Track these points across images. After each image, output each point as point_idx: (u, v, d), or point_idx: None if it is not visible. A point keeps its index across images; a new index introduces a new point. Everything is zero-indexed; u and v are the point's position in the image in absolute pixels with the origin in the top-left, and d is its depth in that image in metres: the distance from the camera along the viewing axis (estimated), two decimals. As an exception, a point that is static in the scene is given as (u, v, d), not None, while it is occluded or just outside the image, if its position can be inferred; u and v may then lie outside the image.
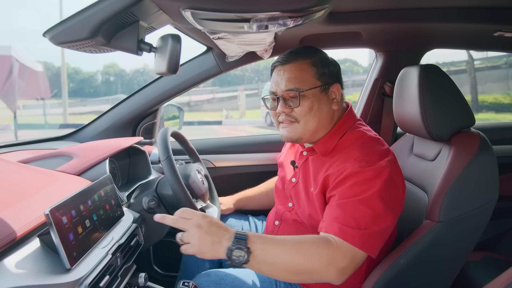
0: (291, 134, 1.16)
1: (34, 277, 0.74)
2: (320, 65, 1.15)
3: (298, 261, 0.94)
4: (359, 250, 0.97)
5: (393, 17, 1.38)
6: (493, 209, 1.66)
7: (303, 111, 1.12)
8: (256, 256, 0.91)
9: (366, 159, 1.05)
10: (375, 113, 1.85)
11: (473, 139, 1.15)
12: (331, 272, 0.94)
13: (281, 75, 1.15)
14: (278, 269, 0.95)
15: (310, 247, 0.96)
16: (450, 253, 1.15)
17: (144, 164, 1.53)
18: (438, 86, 1.17)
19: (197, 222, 0.94)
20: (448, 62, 17.89)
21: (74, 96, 23.75)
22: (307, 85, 1.12)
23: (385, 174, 1.02)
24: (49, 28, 0.78)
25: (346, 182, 1.03)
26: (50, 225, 0.78)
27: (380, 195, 0.99)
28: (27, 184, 1.03)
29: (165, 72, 0.79)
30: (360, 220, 0.98)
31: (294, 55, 1.16)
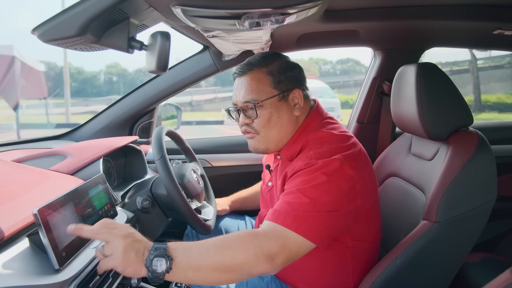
0: (257, 146, 1.15)
1: (22, 278, 0.73)
2: (276, 73, 1.11)
3: (223, 257, 0.86)
4: (291, 232, 0.89)
5: (391, 15, 1.36)
6: (494, 210, 1.64)
7: (262, 122, 1.10)
8: (178, 263, 0.83)
9: (316, 156, 1.01)
10: (374, 113, 1.84)
11: (471, 139, 1.13)
12: (261, 261, 0.86)
13: (238, 87, 1.13)
14: (205, 272, 0.86)
15: (234, 240, 0.90)
16: (448, 254, 1.13)
17: (140, 164, 1.52)
18: (436, 84, 1.15)
19: (122, 232, 0.84)
20: (451, 61, 17.83)
21: (76, 95, 23.81)
22: (264, 95, 1.09)
23: (330, 167, 0.97)
24: (38, 25, 0.77)
25: (295, 177, 1.01)
26: (38, 225, 0.77)
27: (322, 187, 0.94)
28: (19, 183, 1.02)
29: (155, 70, 0.78)
30: (296, 205, 0.92)
31: (249, 65, 1.12)
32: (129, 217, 1.16)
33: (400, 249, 1.08)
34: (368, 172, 1.09)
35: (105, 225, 0.85)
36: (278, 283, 1.20)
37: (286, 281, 1.19)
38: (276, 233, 0.89)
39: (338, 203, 0.96)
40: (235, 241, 0.89)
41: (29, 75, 8.83)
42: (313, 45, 1.62)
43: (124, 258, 0.80)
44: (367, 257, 1.15)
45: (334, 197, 0.95)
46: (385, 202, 1.38)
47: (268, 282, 1.19)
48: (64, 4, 13.88)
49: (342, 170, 0.97)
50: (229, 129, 12.71)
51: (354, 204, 1.00)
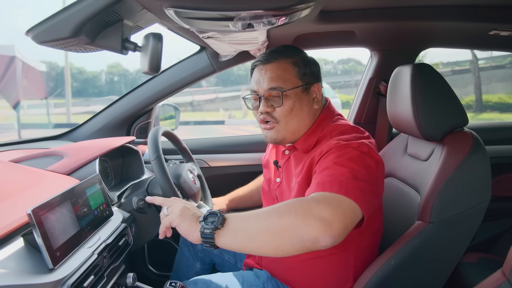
0: (275, 135, 1.15)
1: (16, 277, 0.74)
2: (301, 65, 1.14)
3: (272, 219, 0.85)
4: (342, 197, 0.86)
5: (387, 16, 1.37)
6: (491, 210, 1.64)
7: (285, 111, 1.11)
8: (229, 223, 0.87)
9: (344, 139, 1.04)
10: (370, 113, 1.84)
11: (466, 139, 1.14)
12: (312, 223, 0.80)
13: (263, 74, 1.13)
14: (254, 234, 0.85)
15: (283, 205, 0.89)
16: (442, 254, 1.13)
17: (137, 164, 1.53)
18: (431, 85, 1.16)
19: (186, 202, 1.02)
20: (452, 61, 17.79)
21: (78, 95, 23.87)
22: (290, 85, 1.11)
23: (361, 148, 0.99)
24: (32, 27, 0.78)
25: (326, 156, 1.01)
26: (32, 224, 0.78)
27: (357, 160, 0.95)
28: (15, 183, 1.03)
29: (147, 71, 0.79)
30: (338, 175, 0.91)
31: (275, 54, 1.14)
32: (125, 217, 1.17)
33: (395, 249, 1.08)
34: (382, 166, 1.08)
35: (174, 198, 1.07)
36: (275, 282, 1.20)
37: (284, 281, 1.20)
38: (327, 197, 0.86)
39: (372, 178, 0.95)
40: (283, 205, 0.88)
41: (30, 75, 8.86)
42: (310, 46, 1.62)
43: (182, 214, 0.94)
44: (368, 255, 1.16)
45: (368, 171, 0.95)
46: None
47: (265, 282, 1.20)
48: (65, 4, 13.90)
49: (369, 153, 1.00)
50: (230, 129, 12.72)
51: (381, 188, 1.02)
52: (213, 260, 1.50)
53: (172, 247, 1.84)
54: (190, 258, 1.51)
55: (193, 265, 1.50)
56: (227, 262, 1.48)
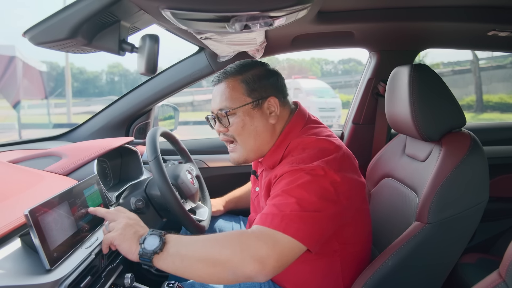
0: (236, 157, 1.15)
1: (13, 278, 0.74)
2: (251, 81, 1.11)
3: (209, 250, 0.87)
4: (281, 234, 0.86)
5: (385, 17, 1.37)
6: (490, 211, 1.64)
7: (236, 129, 1.11)
8: (169, 248, 0.87)
9: (298, 161, 1.00)
10: (369, 113, 1.84)
11: (464, 140, 1.13)
12: (247, 261, 0.82)
13: (214, 94, 1.14)
14: (191, 262, 0.86)
15: (222, 236, 0.90)
16: (440, 255, 1.13)
17: (136, 164, 1.53)
18: (428, 86, 1.16)
19: (129, 215, 0.97)
20: (453, 61, 17.79)
21: (79, 95, 23.90)
22: (237, 103, 1.10)
23: (312, 172, 0.95)
24: (29, 28, 0.78)
25: (277, 183, 1.00)
26: (29, 225, 0.78)
27: (306, 186, 0.93)
28: (13, 183, 1.03)
29: (144, 72, 0.79)
30: (283, 206, 0.90)
31: (225, 73, 1.13)
32: (123, 217, 1.17)
33: (392, 250, 1.08)
34: (353, 174, 1.06)
35: (117, 209, 1.00)
36: (272, 284, 1.20)
37: (279, 283, 1.20)
38: (265, 234, 0.86)
39: (323, 203, 0.93)
40: (223, 237, 0.90)
41: (31, 75, 8.87)
42: (308, 46, 1.63)
43: (122, 233, 0.90)
44: (356, 260, 1.15)
45: (318, 196, 0.93)
46: (379, 203, 1.39)
47: (261, 283, 1.20)
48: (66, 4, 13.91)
49: (327, 175, 0.96)
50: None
51: (339, 205, 0.97)
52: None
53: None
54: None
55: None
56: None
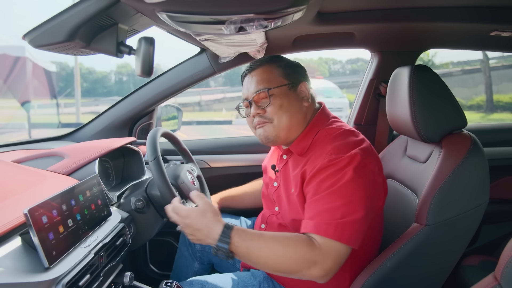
0: (267, 133, 1.18)
1: (12, 275, 0.76)
2: (285, 66, 1.21)
3: (279, 264, 0.98)
4: (339, 244, 0.96)
5: (386, 17, 1.36)
6: (493, 213, 1.62)
7: (274, 109, 1.16)
8: (238, 253, 0.98)
9: (336, 151, 1.05)
10: (371, 114, 1.83)
11: (464, 141, 1.13)
12: (314, 272, 0.96)
13: (250, 81, 1.20)
14: (262, 267, 1.02)
15: (287, 244, 0.98)
16: (439, 256, 1.13)
17: (138, 164, 1.55)
18: (428, 87, 1.15)
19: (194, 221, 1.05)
20: (462, 61, 17.56)
21: (87, 95, 24.16)
22: (275, 84, 1.17)
23: (355, 162, 1.01)
24: (28, 31, 0.80)
25: (318, 177, 1.04)
26: (28, 224, 0.79)
27: (352, 183, 0.99)
28: (15, 183, 1.05)
29: (140, 74, 0.80)
30: (334, 211, 0.97)
31: (259, 61, 1.23)
32: (123, 217, 1.19)
33: (391, 251, 1.08)
34: (381, 166, 1.13)
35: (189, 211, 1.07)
36: (271, 282, 1.21)
37: (282, 282, 1.20)
38: (328, 248, 0.96)
39: (367, 201, 1.01)
40: (287, 245, 0.98)
41: (40, 75, 8.99)
42: (309, 47, 1.62)
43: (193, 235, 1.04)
44: (365, 256, 1.16)
45: (363, 193, 1.00)
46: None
47: (261, 282, 1.21)
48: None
49: (365, 164, 1.03)
50: (238, 129, 12.73)
51: (381, 199, 1.09)
52: (212, 260, 1.52)
53: (173, 246, 1.86)
54: (189, 258, 1.52)
55: (192, 265, 1.51)
56: (226, 263, 1.49)
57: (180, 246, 1.58)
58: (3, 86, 8.50)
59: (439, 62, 18.43)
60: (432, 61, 17.60)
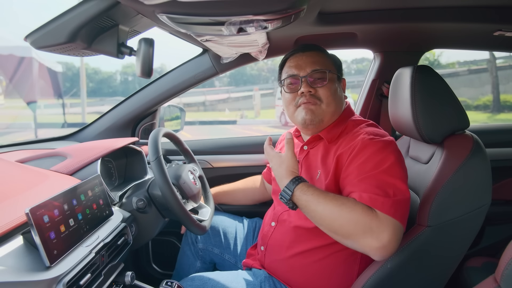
0: (315, 114, 1.18)
1: (13, 274, 0.77)
2: (334, 59, 1.27)
3: (333, 221, 0.98)
4: (394, 221, 0.96)
5: (388, 18, 1.35)
6: (496, 214, 1.61)
7: (328, 92, 1.19)
8: (299, 205, 1.04)
9: (371, 134, 1.10)
10: (373, 115, 1.83)
11: (466, 142, 1.12)
12: (369, 241, 0.94)
13: (304, 60, 1.21)
14: (320, 223, 1.02)
15: (348, 209, 0.97)
16: (440, 258, 1.12)
17: (141, 164, 1.56)
18: (430, 87, 1.15)
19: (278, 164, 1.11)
20: (469, 60, 17.44)
21: (93, 95, 24.36)
22: (331, 69, 1.21)
23: (394, 146, 1.08)
24: (30, 32, 0.81)
25: (361, 156, 1.05)
26: (30, 223, 0.80)
27: (398, 163, 1.04)
28: (18, 182, 1.06)
29: (140, 75, 0.80)
30: (387, 188, 0.99)
31: (311, 46, 1.25)
32: (125, 216, 1.19)
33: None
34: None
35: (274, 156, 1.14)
36: (272, 282, 1.21)
37: (285, 281, 1.20)
38: (384, 220, 0.95)
39: (406, 185, 1.04)
40: (348, 211, 0.97)
41: (47, 75, 9.07)
42: None
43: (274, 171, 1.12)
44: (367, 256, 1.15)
45: (406, 176, 1.05)
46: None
47: (262, 281, 1.21)
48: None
49: (397, 149, 1.09)
50: (242, 129, 12.75)
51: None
52: (214, 260, 1.52)
53: (176, 246, 1.86)
54: (191, 257, 1.53)
55: (194, 264, 1.52)
56: (227, 262, 1.49)
57: (182, 245, 1.59)
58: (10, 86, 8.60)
59: (445, 62, 18.32)
60: (438, 61, 17.49)
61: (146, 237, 1.32)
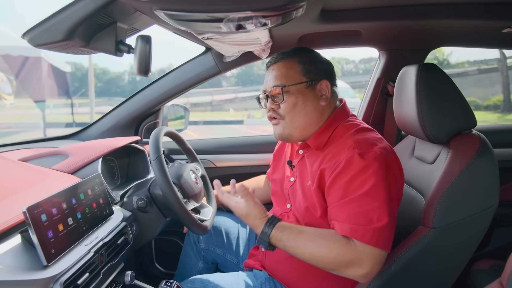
0: (281, 131, 1.17)
1: (11, 273, 0.76)
2: (307, 63, 1.17)
3: (315, 261, 1.01)
4: (376, 250, 0.96)
5: (393, 15, 1.33)
6: (505, 216, 1.57)
7: (288, 107, 1.14)
8: (277, 244, 1.06)
9: (359, 146, 1.04)
10: (378, 114, 1.80)
11: (472, 142, 1.09)
12: (352, 272, 0.97)
13: (270, 74, 1.19)
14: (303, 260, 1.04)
15: (325, 249, 0.99)
16: (445, 261, 1.10)
17: (143, 164, 1.56)
18: (436, 86, 1.12)
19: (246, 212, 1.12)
20: (479, 60, 17.18)
21: (102, 95, 24.55)
22: (292, 81, 1.14)
23: (381, 160, 1.01)
24: (28, 30, 0.80)
25: (344, 176, 1.01)
26: (27, 222, 0.80)
27: (382, 183, 0.99)
28: (19, 181, 1.06)
29: (137, 72, 0.79)
30: (369, 214, 0.97)
31: (283, 54, 1.19)
32: (125, 216, 1.19)
33: (395, 254, 1.06)
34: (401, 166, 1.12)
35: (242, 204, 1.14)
36: (273, 283, 1.20)
37: (286, 283, 1.19)
38: (365, 251, 0.96)
39: (396, 197, 1.04)
40: (324, 245, 1.00)
41: (55, 75, 9.18)
42: (315, 46, 1.60)
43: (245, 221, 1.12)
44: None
45: (392, 194, 1.01)
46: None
47: (262, 282, 1.20)
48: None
49: (389, 164, 1.03)
50: (249, 129, 12.74)
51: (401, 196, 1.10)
52: (216, 260, 1.51)
53: (179, 245, 1.86)
54: (193, 257, 1.52)
55: (196, 264, 1.51)
56: (230, 263, 1.48)
57: (185, 245, 1.58)
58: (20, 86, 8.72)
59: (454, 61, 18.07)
60: (447, 60, 17.27)
61: (147, 236, 1.31)
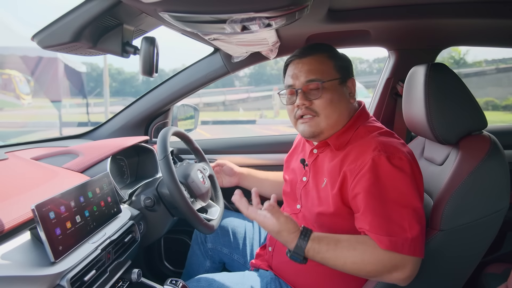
0: (313, 128, 1.13)
1: (19, 268, 0.79)
2: (338, 59, 1.16)
3: (357, 270, 0.99)
4: (412, 258, 0.96)
5: (403, 14, 1.31)
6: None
7: (324, 103, 1.11)
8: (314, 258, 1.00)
9: (385, 149, 1.01)
10: (388, 114, 1.77)
11: (482, 143, 1.07)
12: (395, 276, 0.97)
13: (300, 68, 1.13)
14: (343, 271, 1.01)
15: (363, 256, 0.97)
16: (453, 264, 1.08)
17: (152, 163, 1.58)
18: (445, 86, 1.10)
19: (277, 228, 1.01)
20: (497, 59, 16.78)
21: (116, 95, 24.94)
22: (328, 77, 1.11)
23: (408, 162, 1.00)
24: (37, 32, 0.82)
25: (370, 177, 0.99)
26: (36, 220, 0.82)
27: (411, 189, 0.98)
28: (30, 179, 1.09)
29: (142, 73, 0.81)
30: (403, 222, 0.96)
31: (310, 49, 1.16)
32: (133, 214, 1.21)
33: None
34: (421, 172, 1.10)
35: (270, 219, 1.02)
36: (278, 283, 1.20)
37: (291, 283, 1.19)
38: (405, 261, 0.96)
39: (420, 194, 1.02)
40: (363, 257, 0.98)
41: (71, 76, 9.37)
42: None
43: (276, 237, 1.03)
44: None
45: (420, 195, 1.01)
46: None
47: (268, 282, 1.20)
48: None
49: (414, 168, 1.02)
50: (261, 129, 12.75)
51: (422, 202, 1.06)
52: (223, 260, 1.52)
53: (187, 244, 1.87)
54: (201, 256, 1.53)
55: (203, 263, 1.52)
56: (236, 262, 1.49)
57: (192, 244, 1.59)
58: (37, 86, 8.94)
59: (471, 60, 17.69)
60: (464, 59, 16.93)
61: (155, 235, 1.33)
